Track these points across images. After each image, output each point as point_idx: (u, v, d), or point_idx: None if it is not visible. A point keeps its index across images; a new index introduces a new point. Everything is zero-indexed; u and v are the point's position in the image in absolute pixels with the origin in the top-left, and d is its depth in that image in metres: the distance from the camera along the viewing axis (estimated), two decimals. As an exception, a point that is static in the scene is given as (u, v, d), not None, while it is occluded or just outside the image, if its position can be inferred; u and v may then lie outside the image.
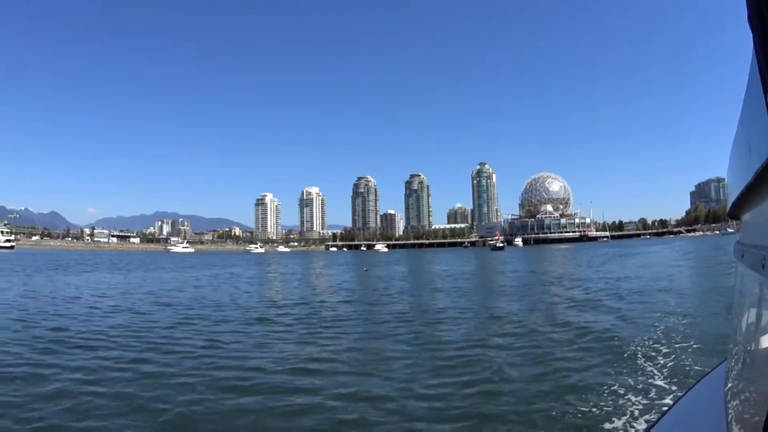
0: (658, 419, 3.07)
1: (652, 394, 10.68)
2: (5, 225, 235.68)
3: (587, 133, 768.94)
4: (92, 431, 9.71)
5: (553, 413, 9.80)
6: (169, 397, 11.47)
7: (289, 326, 22.50)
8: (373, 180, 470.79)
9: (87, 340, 18.93)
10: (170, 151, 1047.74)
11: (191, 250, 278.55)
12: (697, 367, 12.41)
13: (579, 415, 9.64)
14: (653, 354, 14.30)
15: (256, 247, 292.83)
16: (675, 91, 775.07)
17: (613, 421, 9.26)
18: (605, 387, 11.28)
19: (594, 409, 9.91)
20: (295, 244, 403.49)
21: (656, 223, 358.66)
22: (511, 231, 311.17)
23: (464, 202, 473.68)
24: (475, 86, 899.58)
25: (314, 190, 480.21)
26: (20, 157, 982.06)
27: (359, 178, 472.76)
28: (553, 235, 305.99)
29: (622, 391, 10.92)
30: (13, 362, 15.34)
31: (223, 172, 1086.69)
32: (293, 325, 22.72)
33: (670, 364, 13.05)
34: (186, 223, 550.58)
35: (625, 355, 14.41)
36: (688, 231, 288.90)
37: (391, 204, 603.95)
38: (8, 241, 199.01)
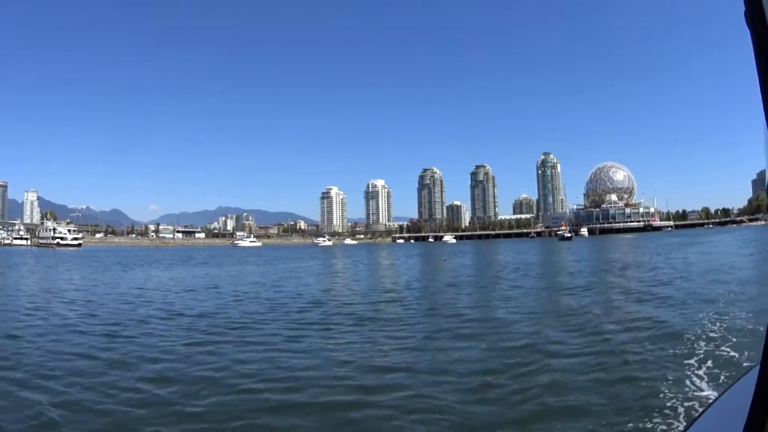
0: (693, 421, 2.94)
1: (693, 392, 10.38)
2: (68, 223, 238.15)
3: (650, 121, 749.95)
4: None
5: (591, 405, 10.00)
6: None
7: (417, 304, 25.86)
8: (438, 171, 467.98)
9: (252, 323, 21.20)
10: (233, 147, 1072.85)
11: (258, 244, 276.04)
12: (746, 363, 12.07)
13: (615, 411, 9.67)
14: (706, 346, 14.11)
15: (324, 240, 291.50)
16: (735, 75, 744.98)
17: (650, 419, 9.14)
18: (650, 380, 11.29)
19: (632, 405, 9.93)
20: (362, 236, 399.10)
21: (719, 212, 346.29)
22: (576, 221, 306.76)
23: (529, 193, 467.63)
24: (540, 77, 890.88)
25: (380, 182, 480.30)
26: (81, 157, 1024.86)
27: (425, 170, 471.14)
28: (617, 224, 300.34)
29: (663, 387, 10.74)
30: (210, 339, 17.90)
31: (287, 167, 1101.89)
32: (420, 303, 26.24)
33: (721, 358, 12.80)
34: (251, 218, 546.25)
35: (677, 346, 14.38)
36: (751, 220, 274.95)
37: (457, 195, 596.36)
38: (75, 239, 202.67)
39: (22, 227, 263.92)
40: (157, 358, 15.20)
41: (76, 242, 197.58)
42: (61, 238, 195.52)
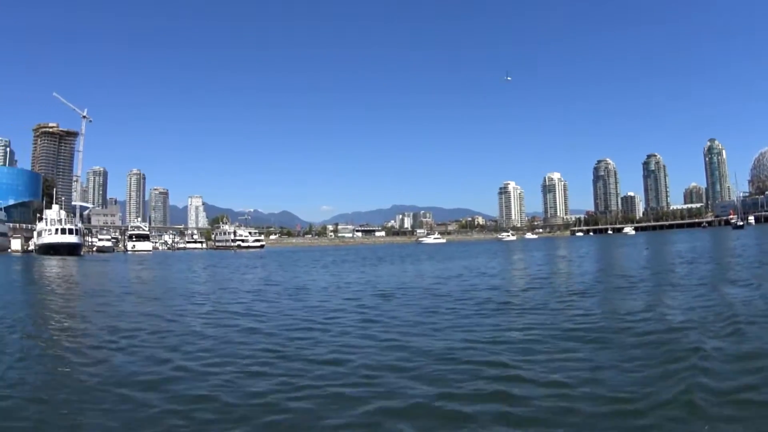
0: None
1: None
2: (237, 227, 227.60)
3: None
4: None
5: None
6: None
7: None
8: (612, 162, 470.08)
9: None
10: (408, 146, 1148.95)
11: (443, 240, 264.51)
12: None
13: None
14: None
15: (508, 235, 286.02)
16: None
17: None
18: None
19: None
20: (540, 230, 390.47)
21: None
22: (743, 209, 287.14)
23: (698, 181, 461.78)
24: (705, 64, 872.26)
25: (555, 175, 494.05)
26: (247, 162, 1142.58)
27: (599, 161, 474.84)
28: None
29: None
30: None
31: (462, 163, 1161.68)
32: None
33: None
34: (428, 215, 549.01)
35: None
36: None
37: (630, 186, 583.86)
38: (257, 240, 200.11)
39: (195, 231, 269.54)
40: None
41: (257, 244, 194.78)
42: (242, 241, 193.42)
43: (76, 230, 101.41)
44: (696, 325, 13.53)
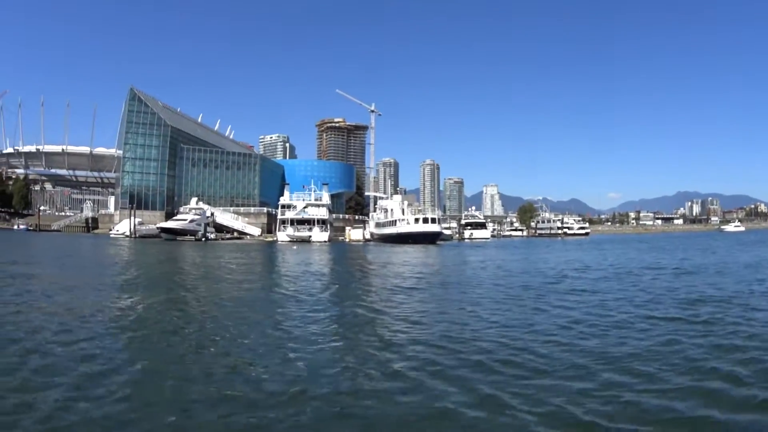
0: None
1: None
2: (556, 213, 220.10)
3: None
4: None
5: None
6: None
7: None
8: None
9: None
10: (692, 131, 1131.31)
11: (742, 228, 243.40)
12: None
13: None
14: None
15: None
16: None
17: None
18: None
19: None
20: None
21: None
22: None
23: None
24: None
25: None
26: (536, 150, 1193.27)
27: None
28: None
29: None
30: None
31: (741, 148, 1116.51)
32: None
33: None
34: (716, 202, 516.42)
35: None
36: None
37: None
38: (582, 228, 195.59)
39: (514, 219, 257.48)
40: None
41: (583, 231, 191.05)
42: (569, 228, 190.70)
43: (438, 219, 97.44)
44: None
